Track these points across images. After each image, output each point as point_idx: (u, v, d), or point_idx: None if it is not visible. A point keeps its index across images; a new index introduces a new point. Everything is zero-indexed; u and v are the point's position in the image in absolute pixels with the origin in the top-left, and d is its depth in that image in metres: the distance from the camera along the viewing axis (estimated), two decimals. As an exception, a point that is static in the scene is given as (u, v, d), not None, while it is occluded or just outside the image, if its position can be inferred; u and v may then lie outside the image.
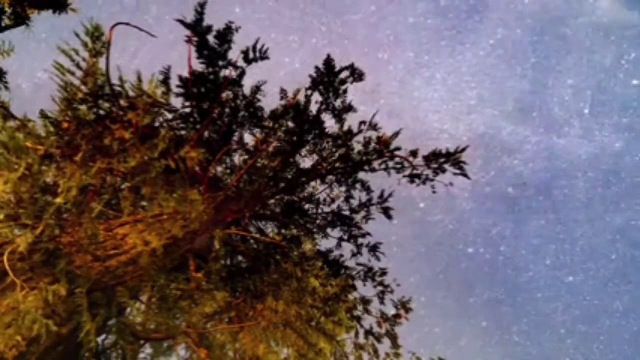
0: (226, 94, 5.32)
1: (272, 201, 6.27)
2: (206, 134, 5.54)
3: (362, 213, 6.26)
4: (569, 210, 26.27)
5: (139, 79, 4.28)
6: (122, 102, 4.22)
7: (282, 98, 5.65)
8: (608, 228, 25.68)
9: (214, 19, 4.89)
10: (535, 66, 25.06)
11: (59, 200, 3.29)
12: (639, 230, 25.08)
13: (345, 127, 5.76)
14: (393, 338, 5.40)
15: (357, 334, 5.48)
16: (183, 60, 4.96)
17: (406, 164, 5.50)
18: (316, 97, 5.64)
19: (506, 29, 24.80)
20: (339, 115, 5.74)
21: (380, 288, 5.84)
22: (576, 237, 26.26)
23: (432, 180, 5.50)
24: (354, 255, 6.24)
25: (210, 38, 4.99)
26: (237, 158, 6.05)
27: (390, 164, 5.59)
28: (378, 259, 6.22)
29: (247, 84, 5.44)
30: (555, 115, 25.23)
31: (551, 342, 26.75)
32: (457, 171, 5.28)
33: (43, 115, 3.92)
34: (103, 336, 3.53)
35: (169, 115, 5.18)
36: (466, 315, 27.38)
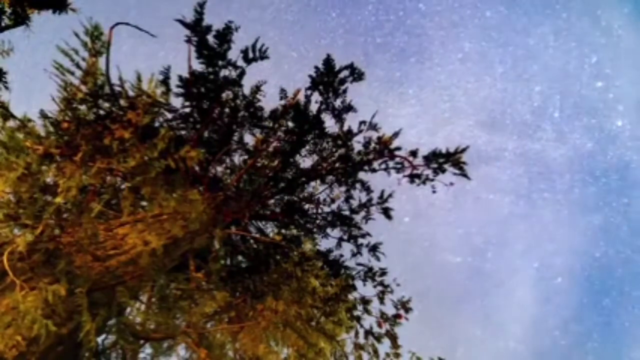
0: (226, 94, 5.31)
1: (272, 201, 6.27)
2: (206, 134, 5.54)
3: (362, 213, 6.26)
4: (549, 213, 27.12)
5: (139, 79, 4.28)
6: (122, 102, 4.22)
7: (282, 98, 5.64)
8: (589, 227, 26.49)
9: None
10: (503, 76, 26.54)
11: (58, 200, 3.29)
12: (619, 227, 25.92)
13: (345, 127, 5.76)
14: (393, 338, 5.40)
15: (357, 334, 5.48)
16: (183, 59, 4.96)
17: (406, 164, 5.50)
18: (316, 97, 5.64)
19: (471, 42, 26.17)
20: (339, 115, 5.74)
21: (380, 288, 5.84)
22: (559, 238, 26.87)
23: (432, 180, 5.50)
24: (354, 255, 6.24)
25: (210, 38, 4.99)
26: (237, 158, 6.05)
27: (391, 164, 5.59)
28: (378, 259, 6.22)
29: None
30: (527, 121, 26.54)
31: (546, 345, 26.99)
32: (457, 171, 5.28)
33: (43, 115, 3.92)
34: (103, 336, 3.52)
35: (169, 115, 5.18)
36: (460, 326, 27.68)
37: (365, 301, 5.70)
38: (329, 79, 5.45)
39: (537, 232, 27.28)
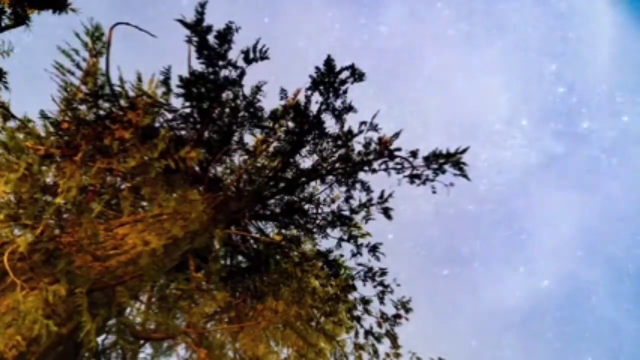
0: (226, 94, 5.31)
1: (272, 201, 6.27)
2: (206, 134, 5.54)
3: (362, 213, 6.26)
4: (529, 217, 27.72)
5: (139, 79, 4.28)
6: (123, 102, 4.22)
7: (282, 98, 5.65)
8: (570, 227, 27.20)
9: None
10: (470, 89, 27.54)
11: (59, 200, 3.29)
12: (599, 225, 26.57)
13: (346, 128, 5.76)
14: (393, 338, 5.40)
15: (357, 334, 5.49)
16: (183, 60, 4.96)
17: (406, 164, 5.50)
18: (316, 97, 5.64)
19: (436, 59, 27.34)
20: (339, 115, 5.74)
21: (380, 288, 5.84)
22: (542, 241, 27.21)
23: (432, 180, 5.51)
24: (354, 255, 6.24)
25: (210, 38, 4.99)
26: (237, 158, 6.05)
27: (391, 164, 5.59)
28: (378, 259, 6.21)
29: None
30: (498, 130, 27.56)
31: (541, 348, 27.19)
32: (457, 172, 5.28)
33: (43, 115, 3.92)
34: (103, 336, 3.53)
35: (169, 116, 5.18)
36: (455, 337, 27.84)
37: (365, 301, 5.70)
38: (329, 79, 5.45)
39: (519, 237, 27.80)
